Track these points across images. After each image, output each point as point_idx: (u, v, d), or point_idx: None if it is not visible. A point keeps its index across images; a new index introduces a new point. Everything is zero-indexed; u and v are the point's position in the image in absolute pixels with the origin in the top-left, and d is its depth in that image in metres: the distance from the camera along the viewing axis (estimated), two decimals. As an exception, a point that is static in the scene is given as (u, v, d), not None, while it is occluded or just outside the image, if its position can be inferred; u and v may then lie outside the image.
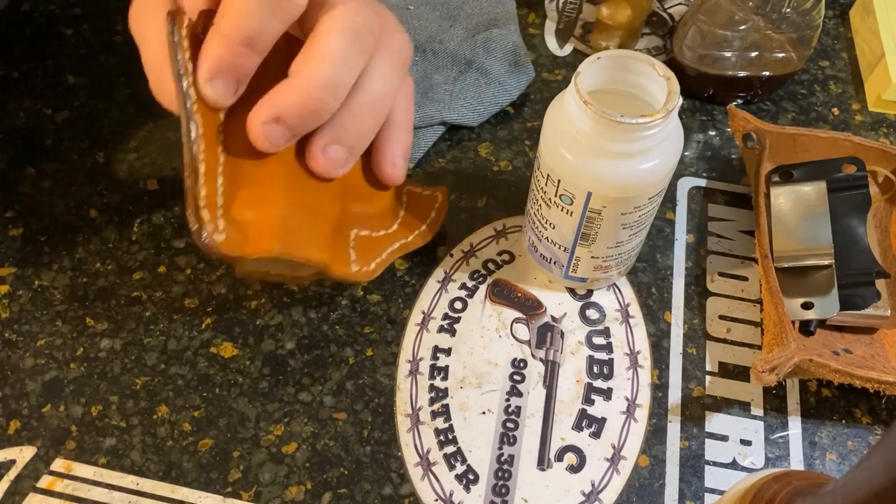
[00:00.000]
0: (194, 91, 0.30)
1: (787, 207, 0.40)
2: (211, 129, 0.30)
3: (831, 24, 0.54)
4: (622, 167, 0.32)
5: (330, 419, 0.36)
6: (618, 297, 0.40)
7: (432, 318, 0.39)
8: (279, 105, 0.30)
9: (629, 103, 0.34)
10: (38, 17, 0.51)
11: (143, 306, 0.39)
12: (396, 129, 0.36)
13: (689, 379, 0.38)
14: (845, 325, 0.38)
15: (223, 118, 0.31)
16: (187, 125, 0.29)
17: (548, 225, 0.37)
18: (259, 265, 0.33)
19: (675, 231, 0.43)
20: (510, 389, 0.37)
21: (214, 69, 0.29)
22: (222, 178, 0.30)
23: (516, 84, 0.47)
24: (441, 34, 0.48)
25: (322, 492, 0.34)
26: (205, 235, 0.29)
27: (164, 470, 0.34)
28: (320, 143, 0.33)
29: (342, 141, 0.33)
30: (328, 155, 0.33)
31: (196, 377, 0.37)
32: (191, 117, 0.29)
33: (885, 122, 0.49)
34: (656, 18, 0.53)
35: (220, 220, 0.30)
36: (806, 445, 0.36)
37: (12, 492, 0.34)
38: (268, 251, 0.30)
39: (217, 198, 0.30)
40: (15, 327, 0.38)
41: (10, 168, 0.44)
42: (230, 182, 0.31)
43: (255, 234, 0.31)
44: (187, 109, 0.29)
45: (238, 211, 0.31)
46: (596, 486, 0.35)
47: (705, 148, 0.47)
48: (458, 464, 0.35)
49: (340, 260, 0.35)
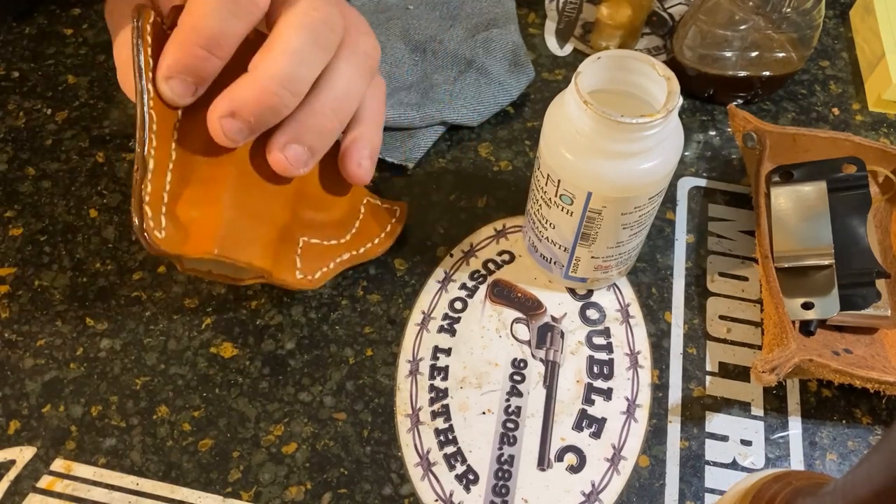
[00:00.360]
0: (152, 87, 0.30)
1: (787, 207, 0.40)
2: (166, 125, 0.31)
3: (831, 23, 0.54)
4: (622, 167, 0.32)
5: (330, 419, 0.36)
6: (618, 297, 0.40)
7: (432, 318, 0.39)
8: (236, 100, 0.30)
9: (629, 103, 0.34)
10: (39, 17, 0.51)
11: (143, 306, 0.39)
12: (365, 130, 0.36)
13: (690, 379, 0.38)
14: (845, 325, 0.38)
15: (181, 115, 0.31)
16: (141, 120, 0.29)
17: (548, 225, 0.37)
18: (200, 264, 0.33)
19: (675, 231, 0.43)
20: (510, 389, 0.37)
21: (173, 69, 0.29)
22: (171, 176, 0.31)
23: (516, 84, 0.47)
24: (441, 34, 0.48)
25: (322, 492, 0.34)
26: (145, 232, 0.29)
27: (164, 470, 0.34)
28: (280, 140, 0.32)
29: (302, 139, 0.32)
30: (287, 153, 0.32)
31: (196, 377, 0.37)
32: (145, 114, 0.30)
33: (886, 122, 0.49)
34: (656, 18, 0.53)
35: (162, 217, 0.30)
36: (806, 445, 0.36)
37: (12, 492, 0.34)
38: (206, 252, 0.31)
39: (163, 195, 0.30)
40: (15, 327, 0.38)
41: (10, 168, 0.44)
42: (180, 180, 0.31)
43: (196, 235, 0.31)
44: (143, 104, 0.29)
45: (183, 210, 0.31)
46: (596, 486, 0.35)
47: (705, 148, 0.47)
48: (458, 464, 0.35)
49: (284, 266, 0.35)
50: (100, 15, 0.51)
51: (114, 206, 0.42)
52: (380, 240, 0.40)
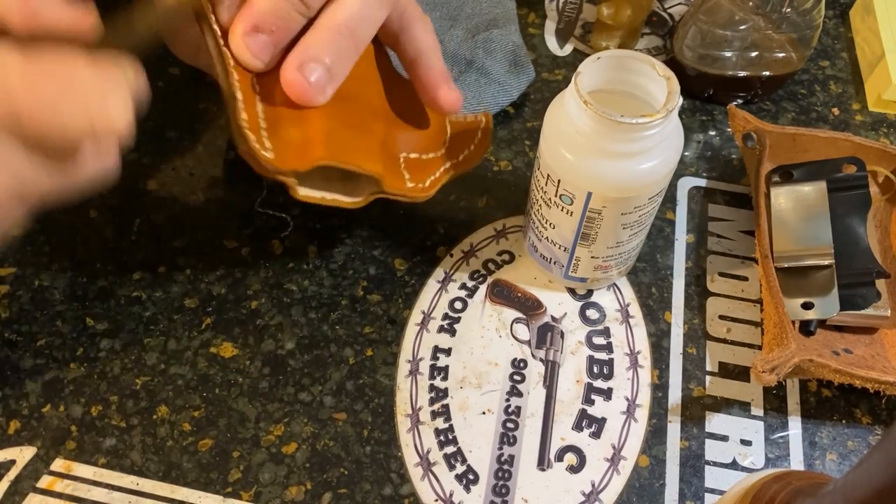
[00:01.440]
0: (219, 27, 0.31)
1: (787, 207, 0.40)
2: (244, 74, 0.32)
3: (831, 23, 0.54)
4: (622, 167, 0.32)
5: (330, 419, 0.36)
6: (618, 297, 0.40)
7: (432, 318, 0.39)
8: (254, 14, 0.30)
9: (629, 103, 0.34)
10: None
11: (143, 306, 0.39)
12: (432, 58, 0.36)
13: (690, 379, 0.38)
14: (845, 325, 0.38)
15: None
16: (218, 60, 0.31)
17: (548, 225, 0.37)
18: (313, 184, 0.34)
19: (675, 231, 0.43)
20: (510, 389, 0.37)
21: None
22: (262, 106, 0.31)
23: (516, 84, 0.47)
24: (441, 34, 0.48)
25: (322, 492, 0.34)
26: (255, 153, 0.30)
27: (164, 470, 0.34)
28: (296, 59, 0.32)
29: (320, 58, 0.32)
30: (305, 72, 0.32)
31: (196, 377, 0.37)
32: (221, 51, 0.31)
33: (886, 122, 0.49)
34: (656, 18, 0.53)
35: (265, 140, 0.31)
36: (806, 445, 0.36)
37: (12, 492, 0.34)
38: (317, 159, 0.31)
39: (259, 121, 0.31)
40: (15, 327, 0.38)
41: (10, 168, 0.44)
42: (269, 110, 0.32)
43: (301, 147, 0.31)
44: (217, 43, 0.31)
45: (284, 130, 0.32)
46: (596, 486, 0.35)
47: (705, 148, 0.47)
48: (458, 464, 0.35)
49: (394, 175, 0.35)
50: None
51: (114, 206, 0.42)
52: (475, 146, 0.40)
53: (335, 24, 0.32)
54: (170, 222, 0.42)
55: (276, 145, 0.31)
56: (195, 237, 0.41)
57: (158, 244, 0.41)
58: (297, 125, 0.32)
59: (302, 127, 0.32)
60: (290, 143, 0.31)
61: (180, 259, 0.41)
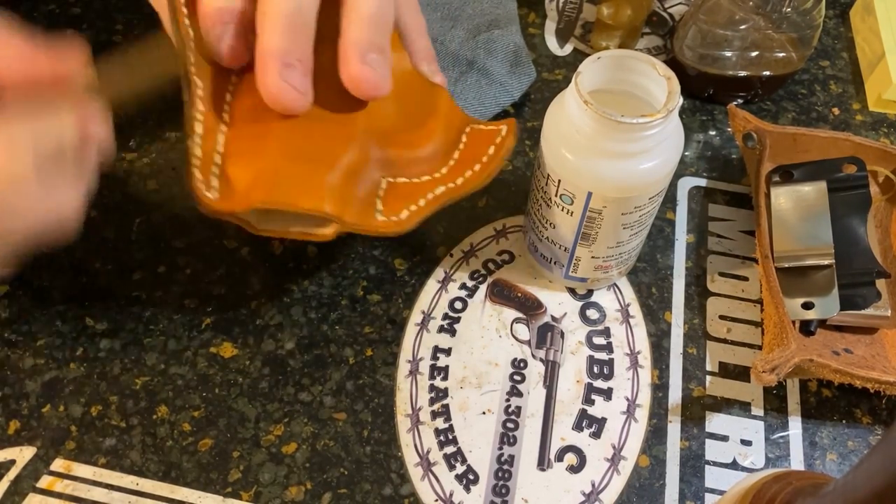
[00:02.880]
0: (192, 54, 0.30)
1: (787, 207, 0.40)
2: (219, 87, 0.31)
3: (831, 23, 0.54)
4: (622, 167, 0.32)
5: (330, 419, 0.36)
6: (618, 297, 0.40)
7: (432, 318, 0.39)
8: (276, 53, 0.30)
9: (629, 103, 0.34)
10: (39, 17, 0.51)
11: (143, 306, 0.39)
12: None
13: (690, 379, 0.38)
14: (846, 325, 0.38)
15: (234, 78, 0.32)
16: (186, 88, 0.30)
17: (548, 225, 0.37)
18: (271, 222, 0.33)
19: (675, 231, 0.43)
20: (510, 389, 0.37)
21: None
22: (224, 137, 0.31)
23: (517, 84, 0.47)
24: (442, 35, 0.48)
25: (322, 492, 0.34)
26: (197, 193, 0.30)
27: (164, 470, 0.34)
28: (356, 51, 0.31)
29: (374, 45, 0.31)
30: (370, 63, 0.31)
31: (196, 377, 0.37)
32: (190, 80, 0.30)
33: (886, 121, 0.49)
34: (656, 18, 0.53)
35: (212, 178, 0.30)
36: (806, 445, 0.36)
37: (12, 492, 0.34)
38: (253, 202, 0.30)
39: (215, 156, 0.31)
40: (15, 327, 0.38)
41: (10, 168, 0.44)
42: (233, 140, 0.31)
43: (245, 188, 0.31)
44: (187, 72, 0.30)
45: (234, 168, 0.31)
46: (596, 486, 0.35)
47: (705, 148, 0.47)
48: (458, 464, 0.35)
49: (357, 209, 0.32)
50: (99, 15, 0.51)
51: (114, 206, 0.42)
52: (481, 166, 0.34)
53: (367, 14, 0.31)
54: (170, 222, 0.42)
55: (221, 186, 0.30)
56: (195, 237, 0.41)
57: (158, 244, 0.41)
58: (253, 160, 0.31)
59: (255, 164, 0.31)
60: (236, 182, 0.31)
61: (180, 259, 0.41)
